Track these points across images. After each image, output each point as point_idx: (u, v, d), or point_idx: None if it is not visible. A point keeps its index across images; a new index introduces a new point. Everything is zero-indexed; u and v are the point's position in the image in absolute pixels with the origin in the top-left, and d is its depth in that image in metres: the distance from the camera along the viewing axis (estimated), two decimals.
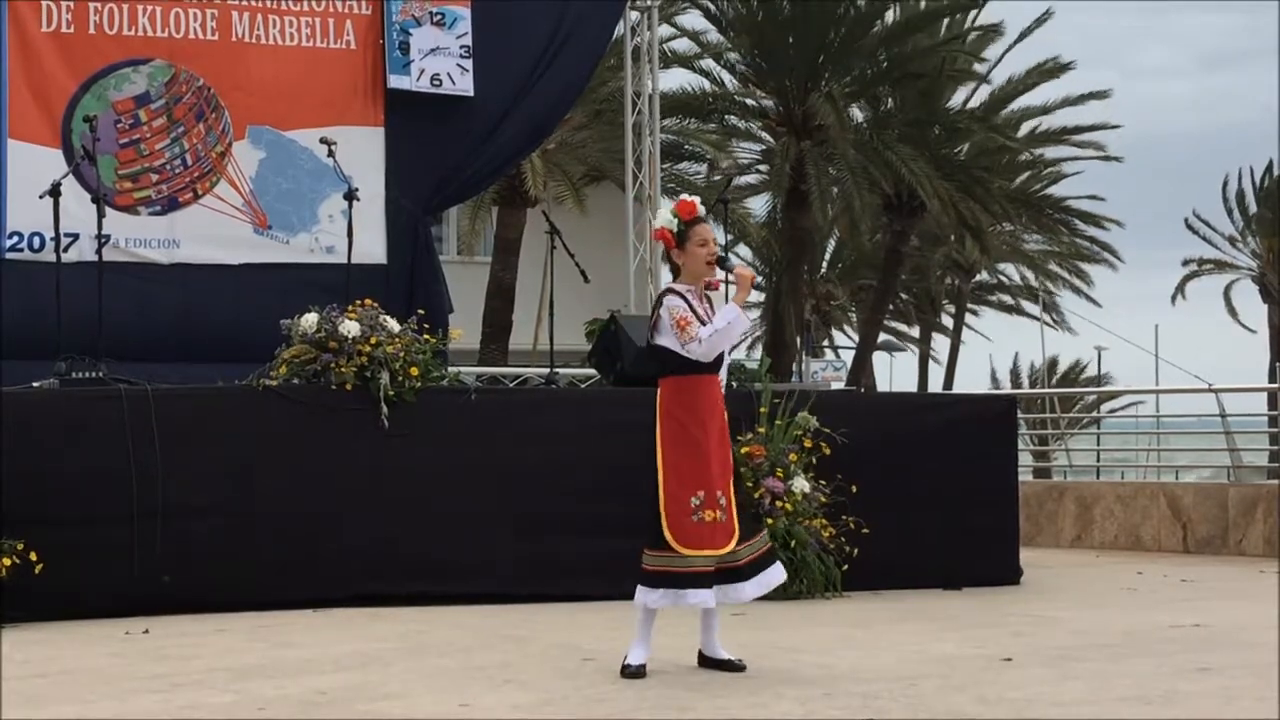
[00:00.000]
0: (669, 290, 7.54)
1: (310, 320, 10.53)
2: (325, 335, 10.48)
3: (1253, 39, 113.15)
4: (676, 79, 30.36)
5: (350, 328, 10.46)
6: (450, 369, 12.30)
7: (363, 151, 13.62)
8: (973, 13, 29.92)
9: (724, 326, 7.34)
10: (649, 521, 7.41)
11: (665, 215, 7.57)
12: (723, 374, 7.64)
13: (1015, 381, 53.91)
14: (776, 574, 7.58)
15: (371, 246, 13.60)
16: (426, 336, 10.84)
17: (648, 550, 7.38)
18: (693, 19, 28.61)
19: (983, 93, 30.93)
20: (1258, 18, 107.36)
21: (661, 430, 7.42)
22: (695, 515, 7.31)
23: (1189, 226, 48.35)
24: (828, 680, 7.27)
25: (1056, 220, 36.22)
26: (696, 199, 7.60)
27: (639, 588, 7.37)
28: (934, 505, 11.67)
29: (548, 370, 13.05)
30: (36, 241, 12.66)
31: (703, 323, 7.36)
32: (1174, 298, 49.34)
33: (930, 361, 46.71)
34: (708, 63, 28.54)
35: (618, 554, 8.29)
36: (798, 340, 33.62)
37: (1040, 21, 30.28)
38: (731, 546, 7.37)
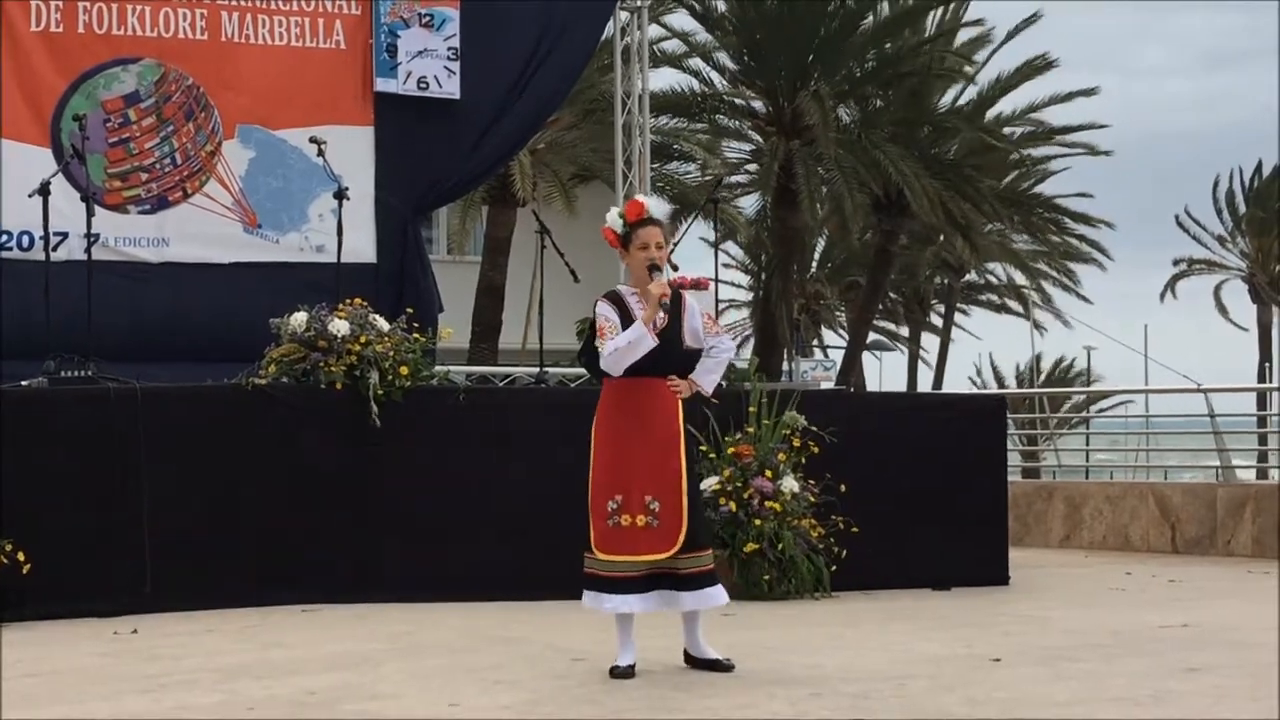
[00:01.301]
0: (606, 294, 7.49)
1: (299, 319, 10.53)
2: (314, 334, 10.48)
3: (1252, 39, 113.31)
4: (666, 79, 30.45)
5: (339, 327, 10.46)
6: (439, 368, 12.30)
7: (352, 151, 13.63)
8: (961, 12, 29.92)
9: (624, 345, 7.22)
10: (591, 524, 7.40)
11: (612, 215, 7.51)
12: (707, 381, 7.51)
13: (1000, 381, 53.92)
14: (718, 595, 7.34)
15: (361, 246, 13.61)
16: (416, 335, 10.83)
17: (588, 554, 7.39)
18: (682, 19, 28.62)
19: (971, 92, 30.95)
20: (1257, 17, 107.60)
21: (593, 432, 7.40)
22: (611, 519, 7.26)
23: (1180, 225, 48.47)
24: (817, 680, 7.27)
25: (1046, 219, 36.21)
26: (649, 200, 7.44)
27: (584, 592, 7.39)
28: (923, 505, 11.69)
29: (537, 369, 13.05)
30: (26, 240, 12.65)
31: (663, 330, 7.27)
32: (1163, 297, 49.49)
33: (920, 361, 46.75)
34: (697, 62, 28.53)
35: None
36: (787, 340, 33.62)
37: (1029, 22, 30.27)
38: (670, 553, 7.21)
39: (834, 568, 11.00)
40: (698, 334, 7.46)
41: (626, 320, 7.28)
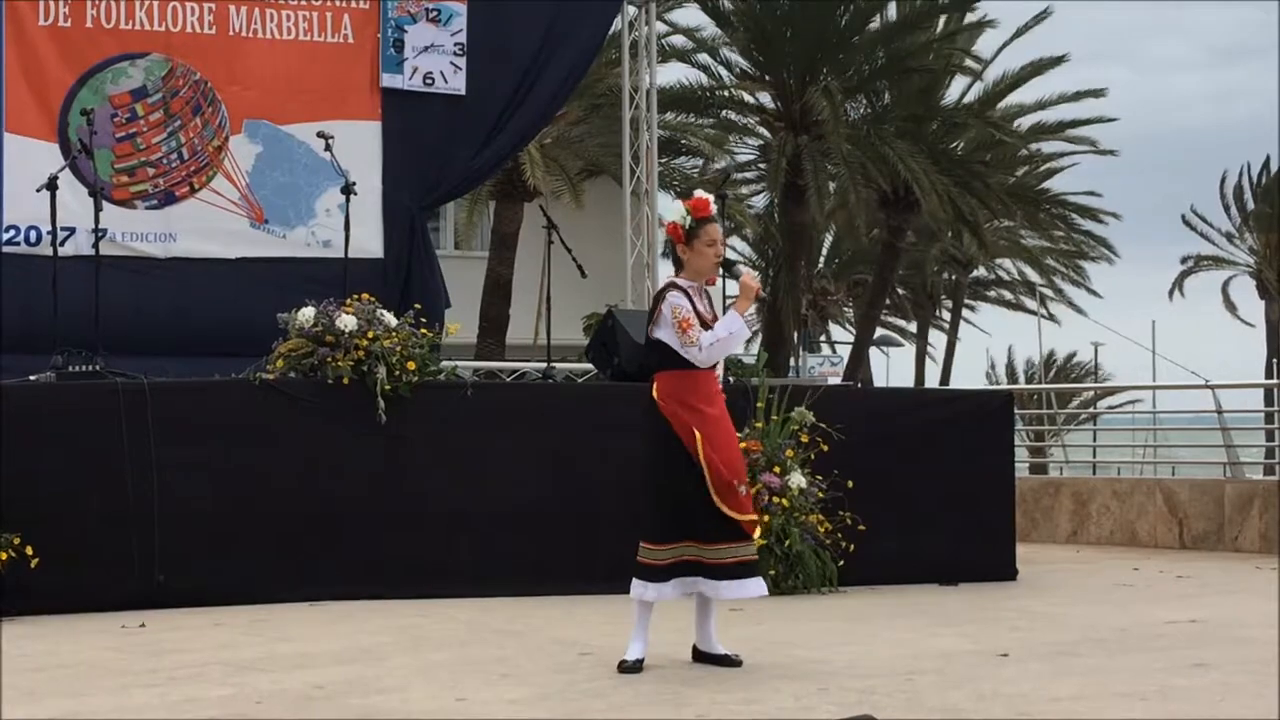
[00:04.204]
0: (672, 285, 7.53)
1: (307, 314, 10.54)
2: (322, 329, 10.48)
3: (1263, 34, 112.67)
4: (674, 73, 30.39)
5: (347, 322, 10.46)
6: (446, 363, 12.31)
7: (359, 146, 13.63)
8: (970, 9, 29.91)
9: (725, 336, 7.35)
10: (646, 514, 7.41)
11: (679, 210, 7.57)
12: (719, 366, 7.67)
13: (1011, 377, 53.89)
14: (759, 585, 7.48)
15: (368, 241, 13.60)
16: (423, 331, 10.84)
17: (645, 543, 7.37)
18: (690, 13, 28.62)
19: (980, 88, 30.95)
20: (1268, 13, 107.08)
21: (673, 424, 7.37)
22: (741, 487, 7.33)
23: (1186, 223, 48.42)
24: (824, 675, 7.28)
25: (1054, 215, 36.21)
26: (711, 197, 7.58)
27: (634, 581, 7.36)
28: (930, 501, 11.68)
29: (545, 365, 13.06)
30: (33, 235, 12.66)
31: (705, 323, 7.36)
32: (1171, 293, 49.43)
33: (927, 357, 46.74)
34: (705, 57, 28.54)
35: (615, 549, 8.30)
36: (794, 335, 33.62)
37: (1039, 19, 30.26)
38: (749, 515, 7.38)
39: (841, 563, 11.01)
40: None
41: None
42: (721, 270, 7.58)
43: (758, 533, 7.49)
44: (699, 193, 7.61)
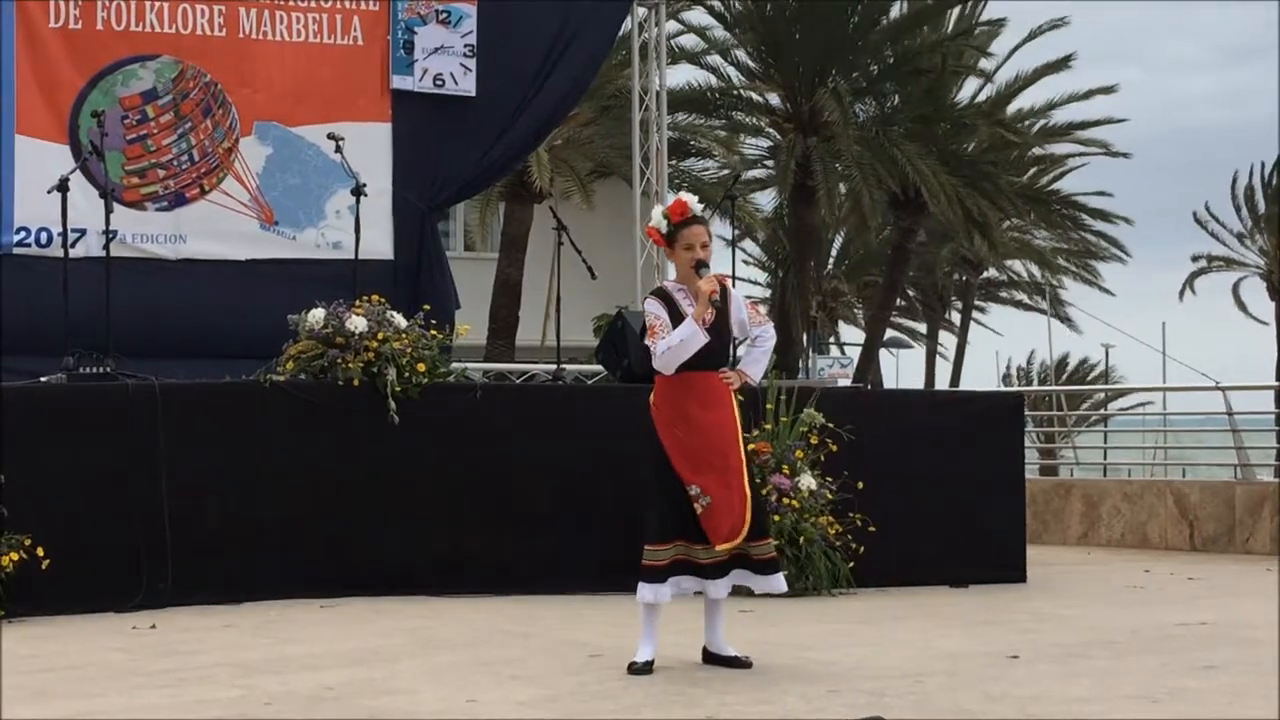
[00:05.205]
0: (655, 291, 7.52)
1: (317, 316, 10.54)
2: (332, 331, 10.49)
3: (1274, 34, 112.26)
4: (684, 75, 30.44)
5: (357, 323, 10.47)
6: (456, 365, 12.31)
7: (369, 147, 13.63)
8: (979, 8, 29.92)
9: (676, 344, 7.23)
10: (648, 515, 7.40)
11: (657, 214, 7.52)
12: (755, 370, 7.57)
13: (1025, 379, 53.80)
14: (780, 582, 7.49)
15: (378, 242, 13.62)
16: (433, 332, 10.85)
17: (647, 545, 7.37)
18: (701, 15, 28.64)
19: (990, 88, 30.96)
20: (1274, 12, 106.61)
21: (656, 428, 7.39)
22: (698, 504, 7.29)
23: (1198, 222, 48.27)
24: (834, 677, 7.28)
25: (1064, 216, 36.18)
26: (691, 199, 7.44)
27: (640, 584, 7.36)
28: (940, 502, 11.67)
29: (555, 366, 13.06)
30: (44, 237, 12.68)
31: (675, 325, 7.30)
32: (1182, 294, 49.29)
33: (938, 358, 46.69)
34: (715, 59, 28.56)
35: (623, 550, 8.29)
36: (804, 337, 33.59)
37: (1055, 25, 30.25)
38: (733, 544, 7.29)
39: (851, 565, 11.00)
40: (744, 325, 7.52)
41: (675, 317, 7.30)
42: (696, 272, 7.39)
43: (738, 541, 7.32)
44: (682, 194, 7.55)
